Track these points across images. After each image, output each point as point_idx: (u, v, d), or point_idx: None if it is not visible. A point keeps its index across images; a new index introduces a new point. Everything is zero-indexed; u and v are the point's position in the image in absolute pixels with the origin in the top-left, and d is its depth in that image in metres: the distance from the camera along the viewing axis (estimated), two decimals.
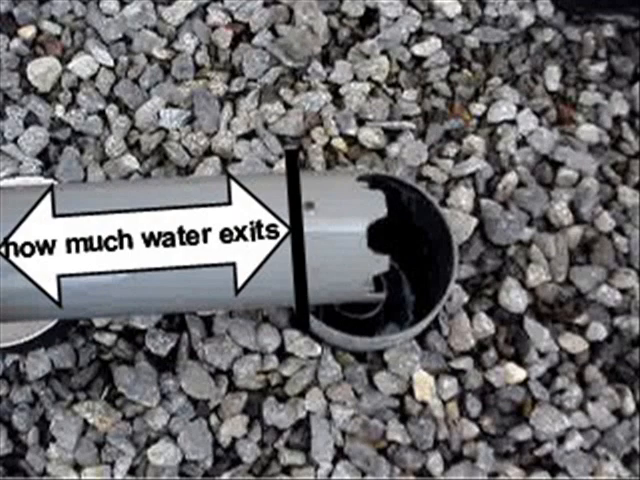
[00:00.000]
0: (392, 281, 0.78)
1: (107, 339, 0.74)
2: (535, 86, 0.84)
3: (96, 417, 0.71)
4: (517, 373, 0.72)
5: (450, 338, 0.73)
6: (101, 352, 0.74)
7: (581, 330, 0.74)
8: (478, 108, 0.83)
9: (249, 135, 0.81)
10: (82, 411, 0.71)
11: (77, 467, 0.71)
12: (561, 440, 0.70)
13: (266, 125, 0.81)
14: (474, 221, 0.76)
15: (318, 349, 0.72)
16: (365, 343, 0.70)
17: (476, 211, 0.78)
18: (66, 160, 0.80)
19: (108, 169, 0.80)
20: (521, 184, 0.79)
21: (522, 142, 0.81)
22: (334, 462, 0.69)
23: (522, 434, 0.70)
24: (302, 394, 0.71)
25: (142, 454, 0.70)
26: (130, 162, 0.80)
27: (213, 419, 0.71)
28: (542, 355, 0.73)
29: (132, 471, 0.70)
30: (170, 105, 0.83)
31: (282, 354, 0.72)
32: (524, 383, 0.72)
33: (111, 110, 0.83)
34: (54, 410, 0.72)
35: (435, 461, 0.69)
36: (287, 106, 0.82)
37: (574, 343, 0.74)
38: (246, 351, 0.73)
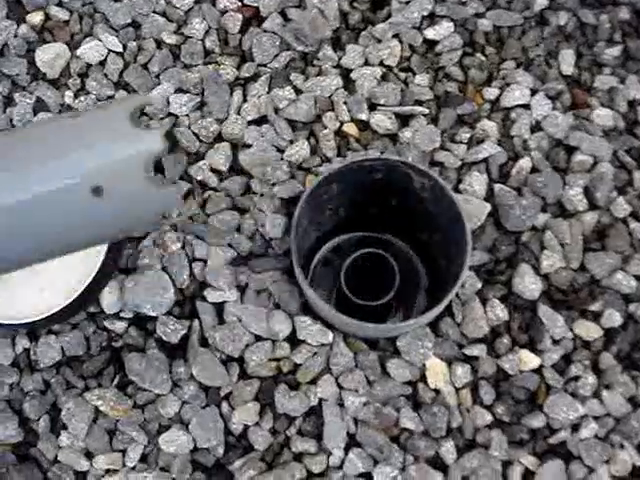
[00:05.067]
0: (405, 267, 0.78)
1: (118, 326, 0.73)
2: (549, 70, 0.82)
3: (107, 405, 0.71)
4: (531, 360, 0.71)
5: (463, 325, 0.72)
6: (112, 340, 0.74)
7: (596, 317, 0.73)
8: (491, 92, 0.81)
9: (259, 121, 0.80)
10: (93, 399, 0.71)
11: (88, 455, 0.70)
12: (575, 428, 0.69)
13: (277, 110, 0.80)
14: (487, 207, 0.76)
15: (330, 336, 0.71)
16: (377, 330, 0.70)
17: (489, 197, 0.77)
18: None
19: None
20: (535, 169, 0.78)
21: (536, 127, 0.80)
22: (346, 450, 0.69)
23: (536, 422, 0.70)
24: (314, 381, 0.71)
25: (154, 442, 0.70)
26: None
27: (225, 407, 0.71)
28: (556, 342, 0.72)
29: (144, 459, 0.70)
30: (180, 91, 0.82)
31: (294, 341, 0.72)
32: (538, 370, 0.71)
33: (120, 96, 0.82)
34: (65, 398, 0.71)
35: (448, 449, 0.69)
36: (298, 91, 0.81)
37: (588, 330, 0.73)
38: (258, 338, 0.72)
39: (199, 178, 0.78)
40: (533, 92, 0.81)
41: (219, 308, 0.74)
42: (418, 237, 0.79)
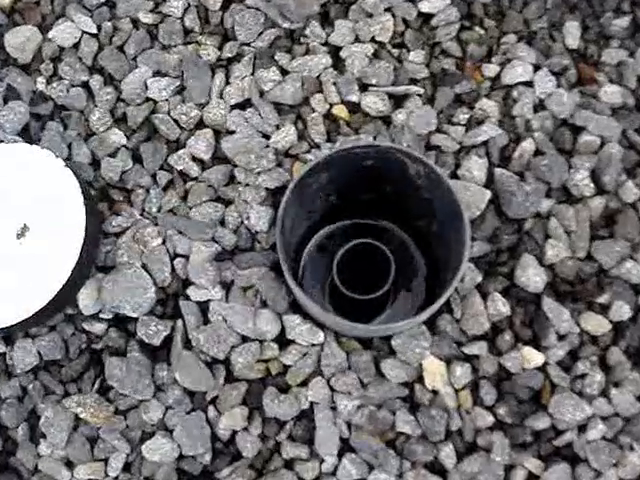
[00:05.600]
0: (403, 255, 0.74)
1: (97, 328, 0.70)
2: (553, 44, 0.77)
3: (87, 411, 0.67)
4: (535, 357, 0.67)
5: (462, 321, 0.68)
6: (91, 342, 0.70)
7: (604, 309, 0.69)
8: (491, 69, 0.76)
9: (243, 105, 0.75)
10: (73, 406, 0.67)
11: (69, 464, 0.67)
12: (582, 429, 0.66)
13: (261, 93, 0.75)
14: (488, 194, 0.71)
15: (321, 336, 0.67)
16: (369, 331, 0.66)
17: (489, 182, 0.72)
18: (49, 137, 0.74)
19: (93, 145, 0.74)
20: (538, 152, 0.73)
21: (539, 106, 0.75)
22: (340, 455, 0.65)
23: (540, 423, 0.66)
24: (304, 383, 0.67)
25: (137, 450, 0.67)
26: (117, 137, 0.75)
27: (211, 411, 0.67)
28: (561, 337, 0.68)
29: (127, 468, 0.67)
30: (158, 74, 0.77)
31: (283, 341, 0.68)
32: (542, 368, 0.67)
33: (95, 81, 0.77)
34: (44, 404, 0.68)
35: (447, 453, 0.65)
36: (284, 72, 0.76)
37: (596, 324, 0.68)
38: (244, 339, 0.68)
39: (180, 168, 0.73)
40: (536, 68, 0.76)
41: (203, 307, 0.70)
42: (415, 224, 0.75)
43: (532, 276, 0.69)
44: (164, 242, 0.71)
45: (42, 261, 0.68)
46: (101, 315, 0.70)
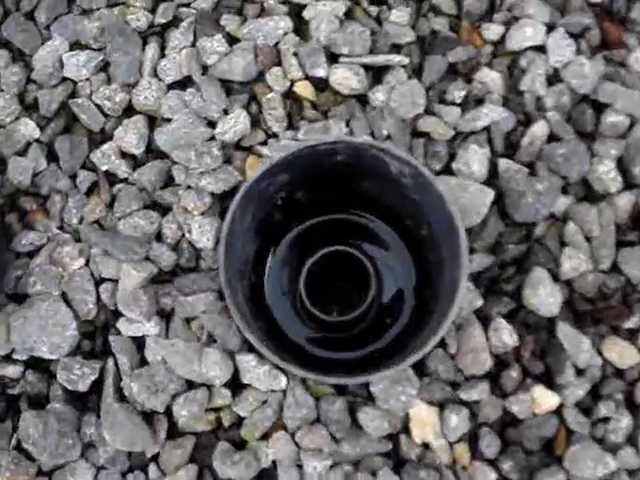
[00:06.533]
0: (387, 260, 0.61)
1: (11, 371, 0.57)
2: None
3: (3, 475, 0.55)
4: (548, 399, 0.55)
5: (459, 358, 0.55)
6: (6, 387, 0.57)
7: (631, 335, 0.57)
8: (493, 30, 0.62)
9: (183, 83, 0.61)
10: None
11: None
12: None
13: (205, 68, 0.61)
14: (490, 194, 0.57)
15: (283, 380, 0.54)
16: (341, 381, 0.53)
17: (492, 177, 0.58)
18: None
19: None
20: (553, 137, 0.59)
21: (554, 77, 0.61)
22: None
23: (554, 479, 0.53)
24: (265, 437, 0.55)
25: None
26: (28, 129, 0.61)
27: (153, 471, 0.55)
28: (580, 372, 0.56)
29: None
30: (76, 46, 0.62)
31: (236, 386, 0.55)
32: (557, 411, 0.55)
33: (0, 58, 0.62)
34: None
35: None
36: (232, 40, 0.62)
37: (622, 353, 0.56)
38: (189, 384, 0.55)
39: (105, 167, 0.59)
40: (550, 28, 0.62)
41: (139, 342, 0.56)
42: (402, 223, 0.61)
43: (545, 297, 0.56)
44: (87, 263, 0.57)
45: None
46: (15, 356, 0.57)
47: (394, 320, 0.61)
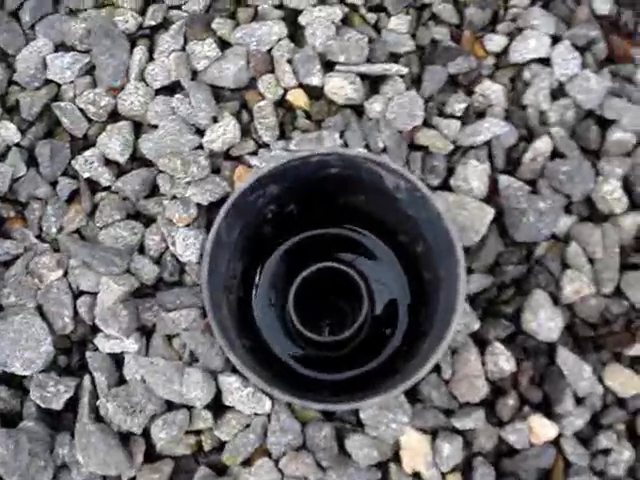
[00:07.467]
0: (379, 275, 0.58)
1: None
2: (577, 8, 0.60)
3: None
4: (546, 428, 0.53)
5: (453, 383, 0.52)
6: None
7: (634, 362, 0.55)
8: (496, 41, 0.60)
9: (171, 88, 0.59)
10: None
11: None
12: None
13: (194, 73, 0.58)
14: (490, 212, 0.54)
15: (267, 404, 0.52)
16: (327, 408, 0.50)
17: (492, 194, 0.56)
18: None
19: None
20: (556, 154, 0.57)
21: (558, 91, 0.59)
22: None
23: None
24: (247, 463, 0.52)
25: None
26: (8, 132, 0.58)
27: None
28: (580, 400, 0.53)
29: None
30: (61, 48, 0.60)
31: (218, 408, 0.52)
32: (555, 441, 0.52)
33: None
34: None
35: None
36: (224, 44, 0.59)
37: (624, 381, 0.54)
38: (169, 405, 0.52)
39: (87, 175, 0.56)
40: (555, 40, 0.60)
41: (117, 359, 0.54)
42: (397, 238, 0.58)
43: (545, 321, 0.53)
44: (65, 275, 0.54)
45: None
46: None
47: (386, 340, 0.58)
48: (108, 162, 0.57)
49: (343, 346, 0.58)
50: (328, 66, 0.58)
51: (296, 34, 0.59)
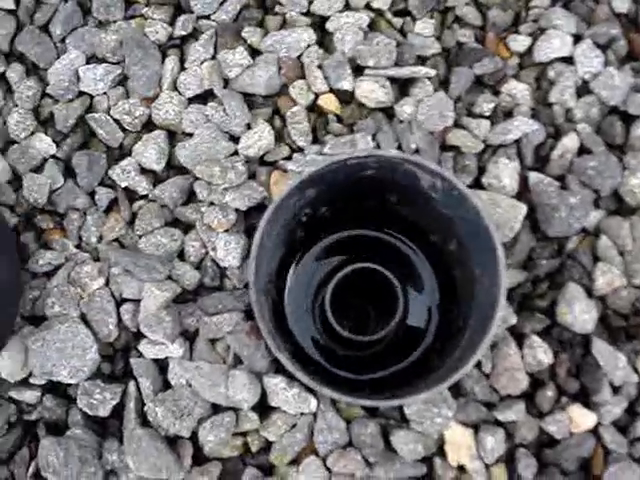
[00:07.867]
0: (410, 277, 0.59)
1: (28, 396, 0.55)
2: (597, 7, 0.61)
3: None
4: (585, 418, 0.53)
5: (493, 377, 0.53)
6: (23, 412, 0.55)
7: None
8: (520, 42, 0.60)
9: (203, 97, 0.59)
10: None
11: None
12: None
13: (226, 82, 0.59)
14: (523, 209, 0.55)
15: (313, 403, 0.53)
16: (375, 404, 0.51)
17: (522, 191, 0.57)
18: None
19: (14, 157, 0.58)
20: (583, 149, 0.58)
21: (583, 89, 0.59)
22: None
23: None
24: (295, 462, 0.53)
25: None
26: (43, 144, 0.58)
27: None
28: (616, 390, 0.54)
29: None
30: (93, 60, 0.60)
31: (264, 409, 0.53)
32: (594, 430, 0.53)
33: (13, 72, 0.60)
34: None
35: None
36: (254, 52, 0.60)
37: None
38: (215, 408, 0.53)
39: (124, 184, 0.57)
40: (577, 39, 0.60)
41: (162, 365, 0.54)
42: (428, 238, 0.59)
43: (579, 313, 0.54)
44: (107, 283, 0.55)
45: None
46: (32, 380, 0.55)
47: (418, 339, 0.59)
48: (144, 171, 0.58)
49: (376, 345, 0.59)
50: (357, 70, 0.59)
51: (325, 40, 0.60)
